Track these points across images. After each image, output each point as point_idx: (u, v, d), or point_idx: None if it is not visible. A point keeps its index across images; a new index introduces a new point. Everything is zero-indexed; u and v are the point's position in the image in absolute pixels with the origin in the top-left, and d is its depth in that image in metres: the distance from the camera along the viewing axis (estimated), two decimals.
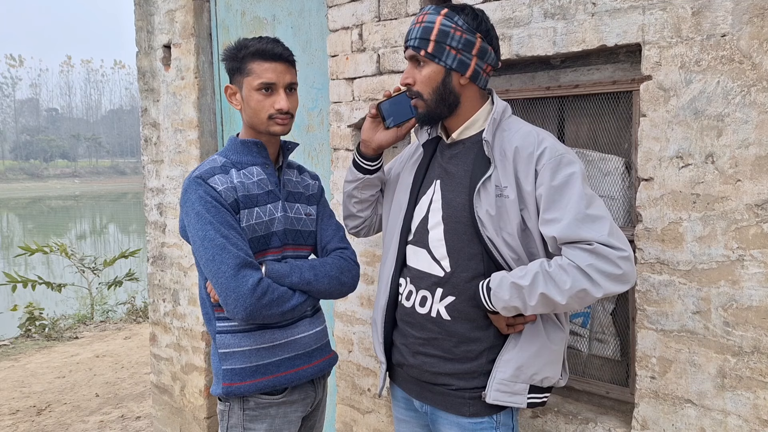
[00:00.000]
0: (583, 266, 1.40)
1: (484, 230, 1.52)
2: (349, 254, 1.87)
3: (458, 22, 1.54)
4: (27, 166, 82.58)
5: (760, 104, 1.49)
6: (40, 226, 29.03)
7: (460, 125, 1.64)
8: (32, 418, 4.52)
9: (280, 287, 1.68)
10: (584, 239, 1.41)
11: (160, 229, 3.60)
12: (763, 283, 1.51)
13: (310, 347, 1.81)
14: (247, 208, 1.72)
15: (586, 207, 1.43)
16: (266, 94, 1.72)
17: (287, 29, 2.88)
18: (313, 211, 1.90)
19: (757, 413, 1.54)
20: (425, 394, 1.66)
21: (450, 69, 1.56)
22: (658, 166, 1.66)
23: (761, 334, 1.52)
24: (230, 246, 1.63)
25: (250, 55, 1.72)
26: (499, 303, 1.49)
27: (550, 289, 1.43)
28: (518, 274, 1.48)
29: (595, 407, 1.94)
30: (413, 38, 1.58)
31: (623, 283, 1.41)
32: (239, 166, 1.78)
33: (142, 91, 3.67)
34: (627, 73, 1.80)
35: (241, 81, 1.75)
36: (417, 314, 1.65)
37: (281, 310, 1.67)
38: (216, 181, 1.71)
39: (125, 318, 7.99)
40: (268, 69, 1.71)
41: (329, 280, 1.76)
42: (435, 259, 1.62)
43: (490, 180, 1.53)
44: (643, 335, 1.72)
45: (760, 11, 1.48)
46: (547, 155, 1.48)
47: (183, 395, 3.52)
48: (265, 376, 1.73)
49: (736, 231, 1.54)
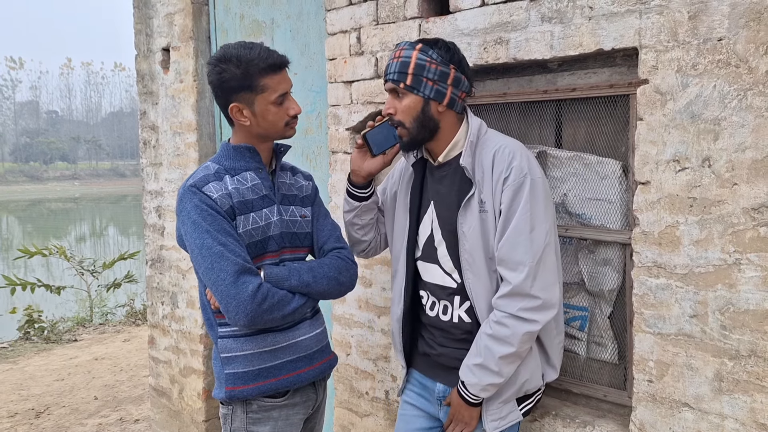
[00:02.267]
0: (514, 312, 1.59)
1: (463, 245, 1.69)
2: (346, 254, 1.88)
3: (432, 55, 1.68)
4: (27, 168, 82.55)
5: (756, 108, 1.50)
6: (40, 228, 29.01)
7: (443, 148, 1.77)
8: (31, 420, 4.52)
9: (279, 291, 1.69)
10: (510, 260, 1.60)
11: (159, 231, 3.60)
12: (760, 286, 1.51)
13: (312, 349, 1.83)
14: (243, 213, 1.74)
15: (530, 231, 1.59)
16: (281, 104, 1.76)
17: (286, 32, 2.89)
18: (308, 213, 1.91)
19: (754, 417, 1.54)
20: (451, 378, 1.78)
21: (428, 98, 1.69)
22: (654, 169, 1.66)
23: (758, 338, 1.52)
24: (228, 253, 1.64)
25: (260, 71, 1.71)
26: (476, 388, 1.65)
27: (502, 347, 1.60)
28: (473, 354, 1.66)
29: (592, 410, 1.94)
30: (392, 72, 1.71)
31: (546, 311, 1.61)
32: (233, 172, 1.79)
33: (140, 94, 3.68)
34: (624, 77, 1.80)
35: (252, 98, 1.73)
36: (441, 321, 1.81)
37: (282, 313, 1.69)
38: (211, 188, 1.72)
39: (124, 320, 7.99)
40: (280, 81, 1.75)
41: (328, 280, 1.78)
42: (446, 272, 1.78)
43: (473, 198, 1.67)
44: (641, 339, 1.72)
45: (756, 15, 1.48)
46: (512, 176, 1.62)
47: (181, 398, 3.52)
48: (268, 379, 1.75)
49: (733, 234, 1.54)
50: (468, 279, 1.69)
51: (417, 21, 2.20)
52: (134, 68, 3.68)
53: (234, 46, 1.73)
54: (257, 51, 1.71)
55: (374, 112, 2.39)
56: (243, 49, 1.71)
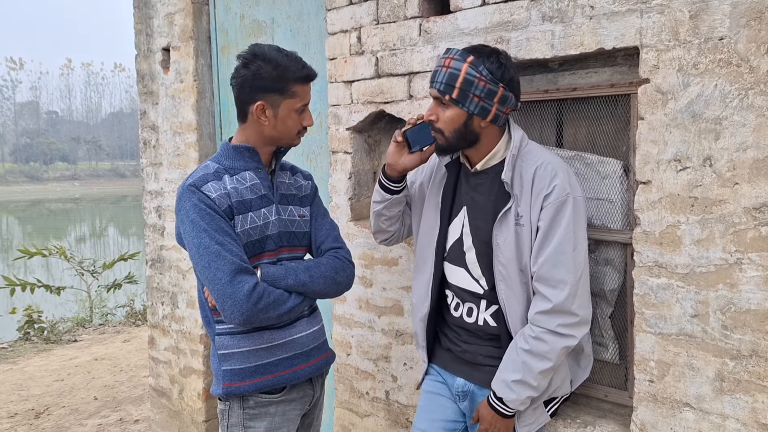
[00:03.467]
0: (553, 328, 1.61)
1: (497, 257, 1.70)
2: (344, 253, 1.90)
3: (483, 72, 1.64)
4: (27, 168, 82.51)
5: (757, 107, 1.49)
6: (40, 228, 29.00)
7: (481, 158, 1.77)
8: (30, 421, 4.51)
9: (275, 290, 1.72)
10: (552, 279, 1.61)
11: (159, 231, 3.60)
12: (761, 286, 1.51)
13: (308, 346, 1.85)
14: (241, 213, 1.76)
15: (572, 250, 1.61)
16: (300, 113, 1.81)
17: (286, 32, 2.88)
18: (307, 213, 1.93)
19: (756, 417, 1.54)
20: (473, 373, 1.82)
21: (472, 114, 1.68)
22: (656, 169, 1.66)
23: (759, 338, 1.52)
24: (225, 252, 1.67)
25: (295, 79, 1.76)
26: (515, 403, 1.67)
27: (539, 362, 1.63)
28: (509, 369, 1.67)
29: (593, 411, 1.94)
30: (439, 82, 1.68)
31: (583, 327, 1.65)
32: (232, 171, 1.81)
33: (141, 94, 3.67)
34: (625, 76, 1.80)
35: (278, 101, 1.77)
36: (465, 323, 1.83)
37: (278, 312, 1.72)
38: (209, 188, 1.74)
39: (124, 321, 7.98)
40: (307, 91, 1.81)
41: (325, 280, 1.81)
42: (474, 278, 1.79)
43: (510, 211, 1.68)
44: (642, 339, 1.71)
45: (757, 14, 1.48)
46: (554, 194, 1.62)
47: (181, 398, 3.52)
48: (264, 375, 1.77)
49: (734, 234, 1.54)
50: (501, 290, 1.71)
51: (417, 20, 2.20)
52: (134, 69, 3.68)
53: (271, 48, 1.77)
54: (294, 59, 1.77)
55: (374, 112, 2.39)
56: (280, 54, 1.76)
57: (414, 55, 2.22)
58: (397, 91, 2.29)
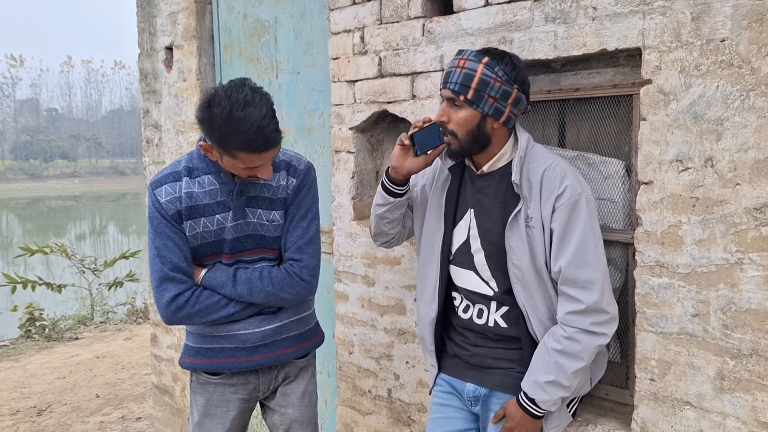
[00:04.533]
0: (586, 327, 1.61)
1: (511, 259, 1.70)
2: (298, 268, 1.88)
3: (498, 72, 1.65)
4: (27, 166, 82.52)
5: (758, 108, 1.51)
6: (40, 226, 29.01)
7: (488, 160, 1.76)
8: (32, 418, 4.53)
9: (208, 299, 1.83)
10: (582, 280, 1.61)
11: None
12: (762, 286, 1.52)
13: (252, 343, 1.90)
14: (192, 218, 1.84)
15: (594, 247, 1.62)
16: (252, 168, 1.76)
17: (289, 32, 2.90)
18: (278, 216, 1.90)
19: (756, 415, 1.55)
20: (484, 378, 1.81)
21: (486, 115, 1.68)
22: (657, 169, 1.67)
23: (760, 337, 1.54)
24: (158, 258, 1.81)
25: (237, 148, 1.68)
26: (546, 404, 1.67)
27: (572, 362, 1.62)
28: (541, 371, 1.66)
29: (594, 409, 1.95)
30: (454, 82, 1.67)
31: (614, 324, 1.65)
32: (194, 173, 1.85)
33: (143, 93, 3.68)
34: (627, 77, 1.81)
35: (221, 153, 1.72)
36: (475, 324, 1.83)
37: (207, 318, 1.85)
38: (162, 191, 1.83)
39: (125, 319, 8.00)
40: (257, 159, 1.72)
41: (266, 295, 1.86)
42: (483, 280, 1.79)
43: (520, 213, 1.68)
44: (643, 338, 1.73)
45: (758, 17, 1.49)
46: (567, 194, 1.63)
47: (184, 396, 3.53)
48: (205, 358, 1.92)
49: (735, 234, 1.55)
50: (518, 292, 1.70)
51: (421, 20, 2.21)
52: (134, 66, 3.71)
53: (232, 101, 1.62)
54: (243, 123, 1.62)
55: (377, 111, 2.40)
56: (235, 109, 1.62)
57: (417, 55, 2.23)
58: (400, 90, 2.30)
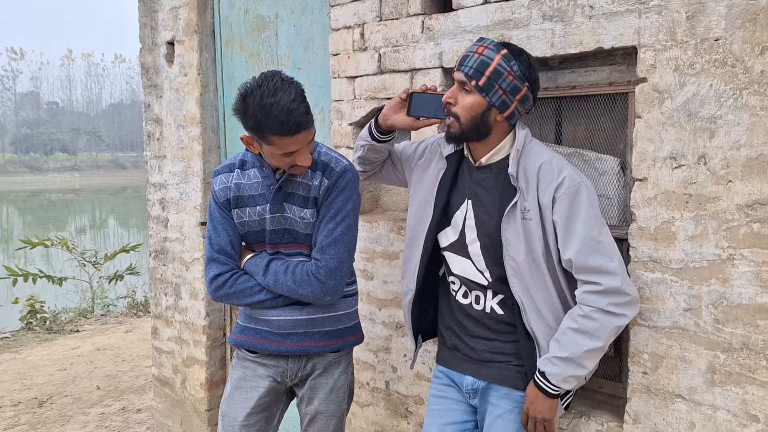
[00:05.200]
0: (604, 307, 1.60)
1: (507, 251, 1.72)
2: (316, 268, 1.92)
3: (513, 67, 1.67)
4: (27, 159, 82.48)
5: (751, 107, 1.53)
6: (40, 219, 29.04)
7: (486, 152, 1.78)
8: (34, 409, 4.57)
9: (244, 283, 1.98)
10: (595, 267, 1.61)
11: (163, 224, 3.64)
12: (753, 281, 1.55)
13: (285, 330, 2.00)
14: (239, 207, 2.01)
15: (598, 234, 1.62)
16: (288, 155, 1.83)
17: (290, 27, 2.92)
18: (309, 215, 1.96)
19: (746, 408, 1.59)
20: (482, 370, 1.85)
21: (492, 105, 1.69)
22: (652, 166, 1.70)
23: (750, 331, 1.57)
24: (209, 240, 2.02)
25: (269, 131, 1.77)
26: (557, 378, 1.66)
27: (587, 341, 1.62)
28: (556, 349, 1.66)
29: (588, 401, 1.99)
30: (468, 66, 1.69)
31: (635, 306, 1.63)
32: (246, 166, 2.03)
33: (145, 87, 3.71)
34: (623, 75, 1.84)
35: (260, 142, 1.84)
36: (474, 310, 1.86)
37: (242, 301, 2.00)
38: (218, 180, 2.03)
39: (126, 312, 8.04)
40: (290, 142, 1.79)
41: (287, 289, 1.95)
42: (478, 270, 1.83)
43: (515, 206, 1.70)
44: (636, 332, 1.76)
45: (752, 16, 1.52)
46: (566, 184, 1.65)
47: (184, 388, 3.57)
48: (247, 336, 2.06)
49: (727, 231, 1.58)
50: (514, 284, 1.73)
51: (420, 17, 2.23)
52: (135, 60, 3.73)
53: (267, 82, 1.75)
54: (275, 108, 1.73)
55: (377, 107, 2.42)
56: (266, 96, 1.73)
57: (416, 51, 2.25)
58: (399, 87, 2.33)
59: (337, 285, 1.94)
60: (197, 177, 3.34)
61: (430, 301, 2.04)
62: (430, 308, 2.05)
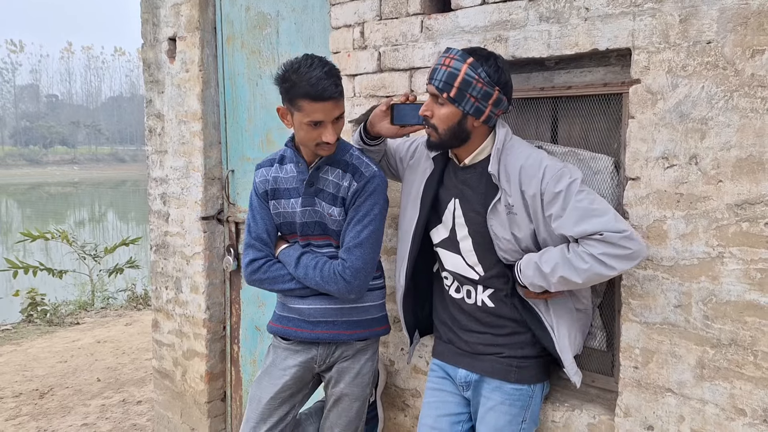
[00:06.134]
0: (597, 254, 1.62)
1: (498, 245, 1.80)
2: (342, 268, 2.04)
3: (481, 74, 1.72)
4: (26, 152, 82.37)
5: (741, 109, 1.57)
6: (39, 212, 29.06)
7: (469, 154, 1.86)
8: (35, 401, 4.61)
9: (276, 271, 2.13)
10: (592, 232, 1.62)
11: (164, 218, 3.67)
12: (741, 279, 1.59)
13: (314, 318, 2.13)
14: (275, 199, 2.16)
15: (590, 204, 1.65)
16: (315, 127, 1.92)
17: (290, 25, 2.95)
18: (336, 213, 2.06)
19: (734, 402, 1.63)
20: (475, 363, 1.92)
21: (467, 113, 1.76)
22: (644, 166, 1.73)
23: (738, 328, 1.61)
24: (247, 227, 2.18)
25: (300, 95, 1.88)
26: (526, 279, 1.76)
27: (568, 271, 1.66)
28: (543, 258, 1.72)
29: (581, 395, 2.03)
30: (438, 79, 1.75)
31: (633, 260, 1.62)
32: (284, 160, 2.18)
33: (147, 83, 3.73)
34: (617, 76, 1.87)
35: (292, 111, 1.94)
36: (466, 304, 1.94)
37: (273, 287, 2.15)
38: (259, 173, 2.20)
39: (125, 305, 8.08)
40: (317, 109, 1.89)
41: (315, 284, 2.07)
42: (469, 265, 1.90)
43: (499, 202, 1.77)
44: (628, 327, 1.80)
45: (743, 20, 1.55)
46: (549, 173, 1.70)
47: (184, 380, 3.61)
48: (282, 325, 2.19)
49: (717, 229, 1.62)
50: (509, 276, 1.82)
51: (419, 17, 2.26)
52: (135, 53, 3.77)
53: (306, 58, 1.91)
54: (309, 75, 1.86)
55: (376, 105, 2.45)
56: (303, 66, 1.88)
57: (415, 51, 2.29)
58: (398, 85, 2.36)
59: (362, 284, 2.05)
60: (198, 172, 3.37)
61: (426, 297, 2.09)
62: (427, 303, 2.11)
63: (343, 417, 2.20)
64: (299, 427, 2.29)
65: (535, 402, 1.90)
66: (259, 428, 2.13)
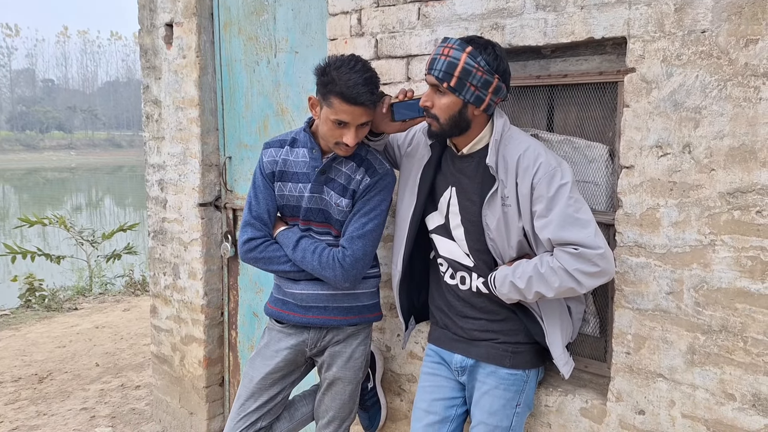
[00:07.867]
0: (570, 270, 1.66)
1: (488, 234, 1.82)
2: (342, 256, 2.07)
3: (480, 62, 1.73)
4: (23, 137, 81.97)
5: (735, 98, 1.58)
6: (36, 197, 28.99)
7: (468, 143, 1.88)
8: (34, 385, 4.64)
9: (273, 252, 2.16)
10: (572, 241, 1.66)
11: (161, 204, 3.68)
12: (732, 266, 1.61)
13: (306, 303, 2.17)
14: (281, 181, 2.17)
15: (575, 212, 1.68)
16: (339, 126, 1.95)
17: (288, 11, 2.94)
18: (344, 204, 2.09)
19: (723, 387, 1.66)
20: (470, 349, 1.95)
21: (467, 102, 1.77)
22: (638, 154, 1.75)
23: (729, 314, 1.63)
24: (248, 205, 2.20)
25: (335, 93, 1.90)
26: (502, 297, 1.82)
27: (542, 287, 1.72)
28: (517, 274, 1.76)
29: (574, 380, 2.05)
30: (438, 69, 1.76)
31: (602, 278, 1.69)
32: (296, 144, 2.17)
33: (144, 69, 3.73)
34: (613, 65, 1.88)
35: (322, 104, 1.97)
36: (460, 290, 1.97)
37: (268, 267, 2.18)
38: (267, 152, 2.20)
39: (123, 291, 8.10)
40: (346, 111, 1.91)
41: (312, 268, 2.10)
42: (464, 252, 1.93)
43: (496, 193, 1.79)
44: (620, 314, 1.82)
45: (737, 9, 1.56)
46: (542, 170, 1.72)
47: (182, 365, 3.64)
48: (277, 308, 2.24)
49: (709, 217, 1.64)
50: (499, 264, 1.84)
51: (417, 4, 2.26)
52: (131, 37, 3.76)
53: (351, 59, 1.94)
54: (348, 76, 1.89)
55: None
56: (346, 66, 1.91)
57: (412, 38, 2.29)
58: (395, 72, 2.37)
59: (358, 274, 2.09)
60: (196, 158, 3.38)
61: (422, 283, 2.12)
62: (423, 290, 2.13)
63: (336, 400, 2.25)
64: (291, 407, 2.34)
65: (529, 387, 1.93)
66: (248, 405, 2.20)
